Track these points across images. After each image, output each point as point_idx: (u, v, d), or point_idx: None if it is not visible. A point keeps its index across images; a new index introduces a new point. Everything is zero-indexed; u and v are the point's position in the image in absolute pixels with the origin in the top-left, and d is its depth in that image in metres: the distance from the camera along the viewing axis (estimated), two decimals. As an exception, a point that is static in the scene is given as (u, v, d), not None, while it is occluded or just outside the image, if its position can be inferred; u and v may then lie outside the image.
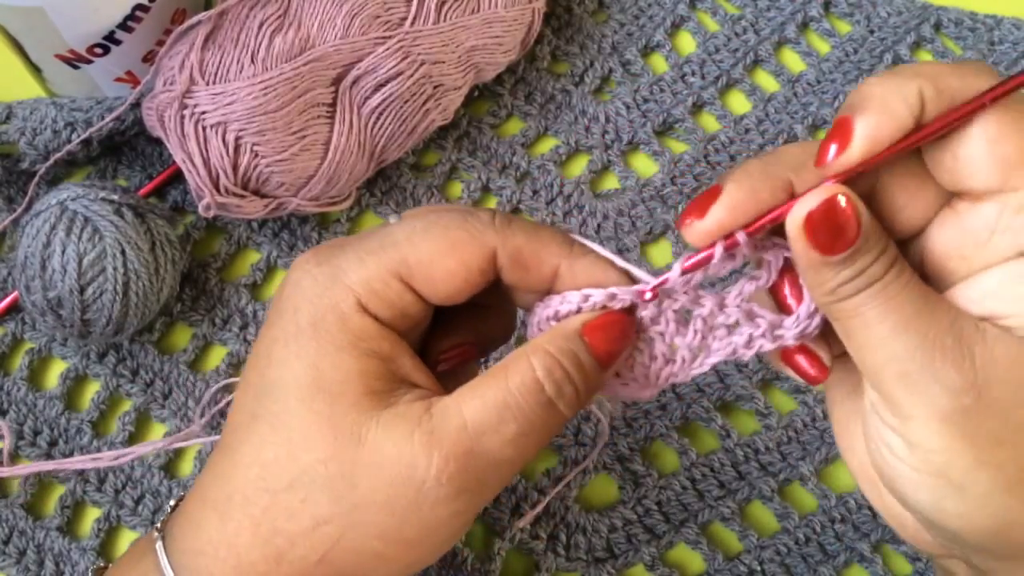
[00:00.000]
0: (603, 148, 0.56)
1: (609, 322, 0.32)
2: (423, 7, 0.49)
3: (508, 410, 0.30)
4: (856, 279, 0.28)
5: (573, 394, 0.31)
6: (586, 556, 0.47)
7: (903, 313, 0.28)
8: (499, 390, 0.31)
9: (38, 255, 0.45)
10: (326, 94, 0.48)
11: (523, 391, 0.31)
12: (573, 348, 0.31)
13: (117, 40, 0.49)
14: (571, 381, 0.31)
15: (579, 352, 0.31)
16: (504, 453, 0.30)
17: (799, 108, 0.57)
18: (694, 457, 0.49)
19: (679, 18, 0.60)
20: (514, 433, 0.30)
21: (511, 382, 0.31)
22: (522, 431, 0.30)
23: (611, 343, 0.32)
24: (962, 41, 0.59)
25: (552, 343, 0.31)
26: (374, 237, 0.33)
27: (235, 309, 0.52)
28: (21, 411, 0.49)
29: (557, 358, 0.31)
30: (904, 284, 0.29)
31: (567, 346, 0.31)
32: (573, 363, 0.31)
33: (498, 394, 0.31)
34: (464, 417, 0.30)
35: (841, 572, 0.47)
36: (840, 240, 0.28)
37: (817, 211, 0.28)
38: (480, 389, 0.31)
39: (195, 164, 0.47)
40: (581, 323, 0.32)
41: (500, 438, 0.30)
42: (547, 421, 0.31)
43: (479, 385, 0.31)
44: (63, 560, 0.47)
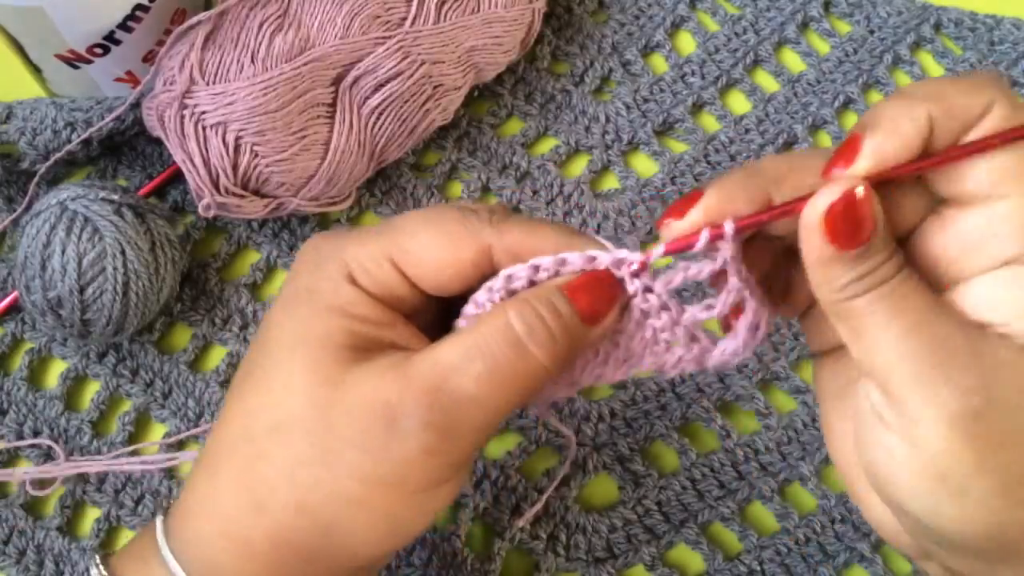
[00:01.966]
0: (603, 148, 0.56)
1: (591, 278, 0.32)
2: (423, 7, 0.49)
3: (476, 348, 0.31)
4: (867, 277, 0.29)
5: (546, 335, 0.31)
6: (586, 556, 0.47)
7: (914, 315, 0.28)
8: (471, 333, 0.32)
9: (38, 255, 0.45)
10: (326, 94, 0.48)
11: (493, 331, 0.31)
12: (550, 296, 0.32)
13: (117, 40, 0.49)
14: (544, 324, 0.31)
15: (556, 301, 0.32)
16: (471, 390, 0.31)
17: (799, 108, 0.57)
18: (694, 457, 0.49)
19: (679, 18, 0.60)
20: (479, 370, 0.31)
21: (483, 326, 0.32)
22: (488, 368, 0.31)
23: (594, 298, 0.32)
24: (962, 41, 0.59)
25: (529, 294, 0.32)
26: (381, 224, 0.35)
27: (235, 309, 0.52)
28: (21, 411, 0.49)
29: (531, 303, 0.32)
30: (914, 286, 0.29)
31: (543, 294, 0.32)
32: (548, 308, 0.32)
33: (468, 336, 0.31)
34: (437, 358, 0.31)
35: (841, 572, 0.47)
36: (857, 235, 0.28)
37: (837, 203, 0.28)
38: (455, 336, 0.32)
39: (195, 164, 0.47)
40: (560, 282, 0.32)
41: (467, 375, 0.31)
42: (516, 362, 0.31)
43: (456, 334, 0.32)
44: (63, 560, 0.47)
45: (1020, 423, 0.28)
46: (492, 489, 0.48)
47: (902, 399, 0.29)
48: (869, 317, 0.29)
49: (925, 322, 0.28)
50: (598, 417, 0.50)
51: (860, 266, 0.29)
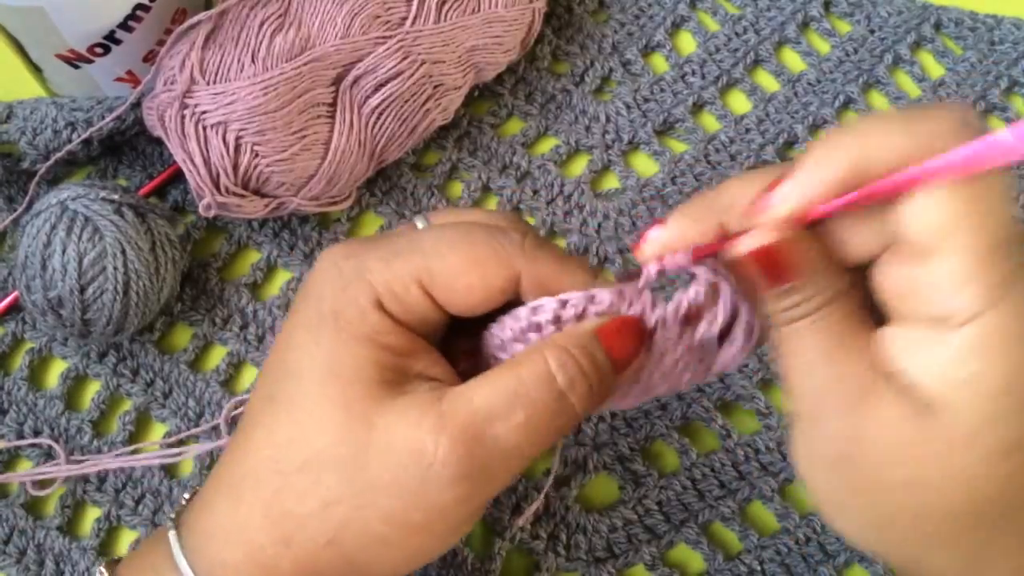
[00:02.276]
0: (603, 148, 0.56)
1: (624, 325, 0.32)
2: (423, 7, 0.49)
3: (518, 398, 0.31)
4: (790, 310, 0.30)
5: (586, 389, 0.32)
6: (586, 556, 0.47)
7: (819, 352, 0.30)
8: (510, 378, 0.31)
9: (38, 255, 0.45)
10: (326, 94, 0.48)
11: (534, 380, 0.31)
12: (588, 346, 0.32)
13: (117, 40, 0.49)
14: (584, 376, 0.31)
15: (594, 350, 0.32)
16: (511, 440, 0.31)
17: (799, 108, 0.57)
18: (694, 457, 0.49)
19: (679, 18, 0.60)
20: (522, 421, 0.31)
21: (523, 371, 0.31)
22: (530, 420, 0.31)
23: (626, 346, 0.32)
24: (962, 41, 0.59)
25: (567, 339, 0.32)
26: (403, 240, 0.34)
27: (235, 309, 0.52)
28: (21, 411, 0.49)
29: (571, 352, 0.31)
30: (833, 323, 0.30)
31: (582, 343, 0.32)
32: (588, 359, 0.32)
33: (509, 382, 0.31)
34: (474, 403, 0.31)
35: (841, 572, 0.47)
36: (781, 275, 0.29)
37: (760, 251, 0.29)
38: (492, 378, 0.31)
39: (195, 164, 0.47)
40: (595, 325, 0.32)
41: (508, 425, 0.31)
42: (557, 413, 0.31)
43: (491, 374, 0.32)
44: (63, 560, 0.47)
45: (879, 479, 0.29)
46: (492, 489, 0.48)
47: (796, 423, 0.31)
48: (788, 342, 0.30)
49: (828, 361, 0.29)
50: (598, 417, 0.49)
51: (787, 299, 0.30)
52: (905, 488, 0.28)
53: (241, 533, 0.32)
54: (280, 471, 0.32)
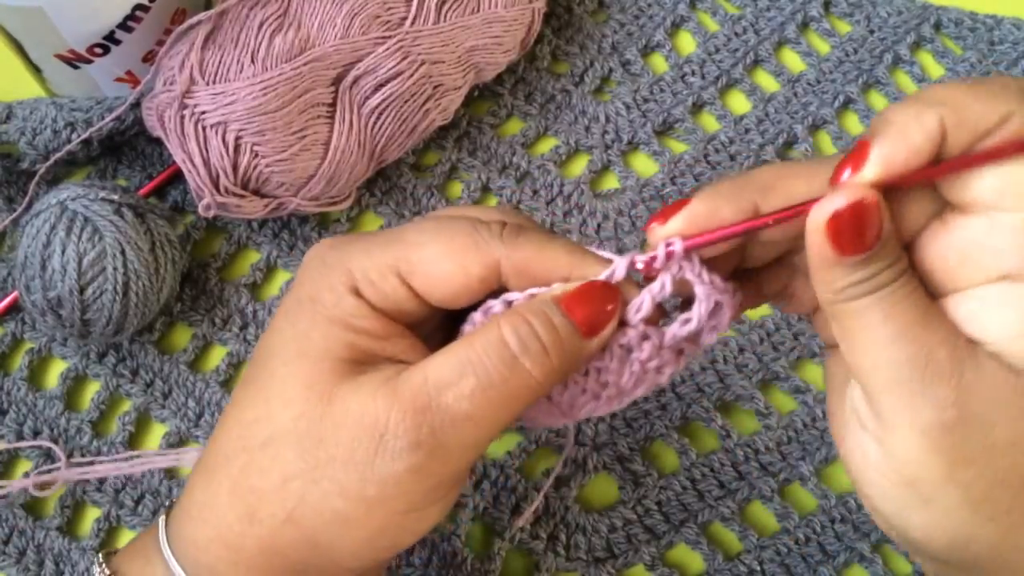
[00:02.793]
0: (603, 148, 0.56)
1: (588, 288, 0.32)
2: (423, 7, 0.49)
3: (468, 364, 0.30)
4: (865, 283, 0.29)
5: (539, 349, 0.31)
6: (586, 556, 0.47)
7: (902, 321, 0.28)
8: (462, 348, 0.31)
9: (38, 255, 0.45)
10: (326, 94, 0.48)
11: (484, 347, 0.31)
12: (544, 309, 0.31)
13: (117, 40, 0.49)
14: (538, 338, 0.31)
15: (551, 312, 0.31)
16: (461, 408, 0.30)
17: (799, 108, 0.57)
18: (694, 457, 0.49)
19: (679, 18, 0.60)
20: (472, 387, 0.30)
21: (475, 339, 0.31)
22: (481, 385, 0.30)
23: (589, 308, 0.31)
24: (962, 41, 0.59)
25: (524, 307, 0.31)
26: (387, 232, 0.34)
27: (235, 309, 0.52)
28: (21, 411, 0.49)
29: (525, 317, 0.31)
30: (909, 293, 0.29)
31: (538, 307, 0.31)
32: (542, 321, 0.31)
33: (461, 351, 0.31)
34: (427, 373, 0.31)
35: (841, 572, 0.47)
36: (860, 242, 0.28)
37: (843, 210, 0.28)
38: (446, 350, 0.31)
39: (195, 164, 0.47)
40: (555, 293, 0.32)
41: (458, 392, 0.30)
42: (510, 378, 0.31)
43: (447, 348, 0.31)
44: (63, 560, 0.47)
45: (991, 441, 0.28)
46: (492, 489, 0.48)
47: (880, 403, 0.29)
48: (860, 319, 0.29)
49: (912, 330, 0.28)
50: (598, 417, 0.49)
51: (860, 271, 0.29)
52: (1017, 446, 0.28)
53: (211, 511, 0.33)
54: (246, 448, 0.32)
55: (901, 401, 0.28)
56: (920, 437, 0.28)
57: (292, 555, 0.32)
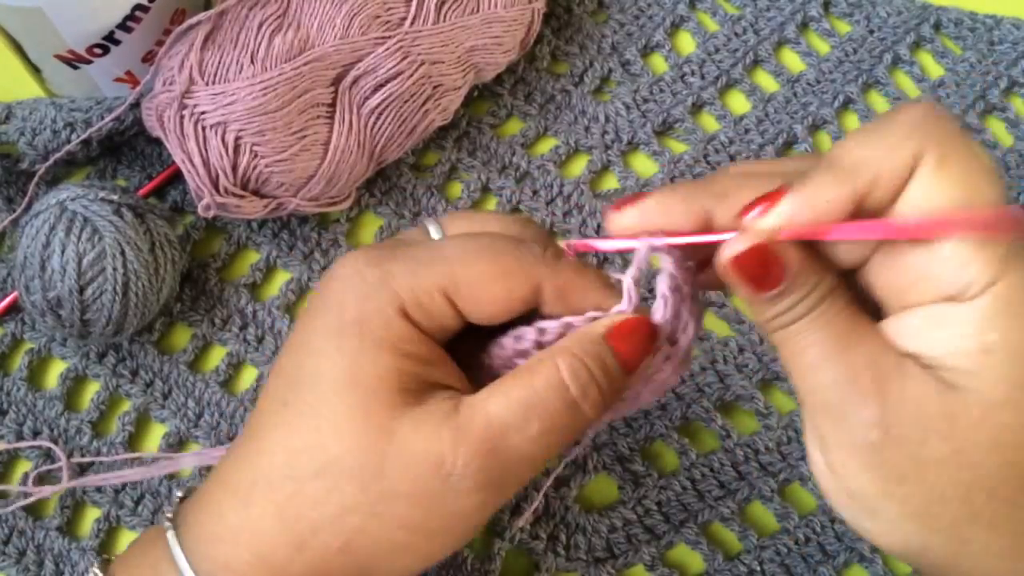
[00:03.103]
0: (603, 148, 0.56)
1: (635, 327, 0.32)
2: (423, 7, 0.49)
3: (532, 409, 0.31)
4: (784, 314, 0.30)
5: (597, 396, 0.32)
6: (586, 556, 0.47)
7: (825, 347, 0.29)
8: (524, 389, 0.31)
9: (38, 255, 0.45)
10: (326, 94, 0.48)
11: (548, 390, 0.31)
12: (599, 351, 0.32)
13: (117, 40, 0.49)
14: (596, 383, 0.32)
15: (604, 355, 0.32)
16: (527, 450, 0.31)
17: (799, 108, 0.57)
18: (694, 457, 0.49)
19: (679, 18, 0.60)
20: (537, 431, 0.31)
21: (536, 381, 0.31)
22: (545, 430, 0.31)
23: (636, 347, 0.32)
24: (962, 41, 0.59)
25: (578, 346, 0.32)
26: (426, 249, 0.34)
27: (235, 309, 0.52)
28: (21, 411, 0.49)
29: (583, 360, 0.32)
30: (831, 318, 0.29)
31: (593, 348, 0.32)
32: (599, 365, 0.32)
33: (523, 392, 0.31)
34: (489, 414, 0.31)
35: (841, 572, 0.47)
36: (767, 280, 0.29)
37: (745, 254, 0.29)
38: (505, 387, 0.32)
39: (195, 164, 0.47)
40: (605, 327, 0.32)
41: (524, 436, 0.31)
42: (570, 421, 0.32)
43: (505, 383, 0.32)
44: (63, 560, 0.47)
45: (922, 458, 0.29)
46: (492, 489, 0.48)
47: (816, 424, 0.30)
48: (790, 346, 0.30)
49: (837, 355, 0.29)
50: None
51: (777, 304, 0.30)
52: (950, 462, 0.28)
53: (251, 536, 0.32)
54: (294, 476, 0.32)
55: (832, 422, 0.30)
56: (852, 456, 0.29)
57: None
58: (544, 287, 0.33)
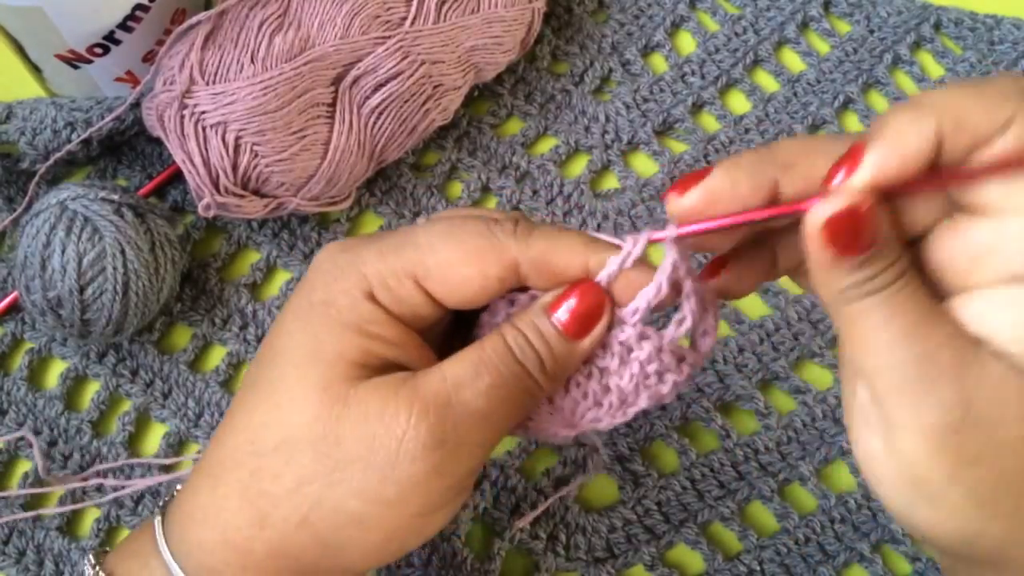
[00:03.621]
0: (603, 148, 0.56)
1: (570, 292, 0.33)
2: (423, 7, 0.49)
3: (482, 364, 0.32)
4: (865, 284, 0.29)
5: (534, 356, 0.32)
6: (586, 556, 0.47)
7: (905, 322, 0.28)
8: (475, 351, 0.32)
9: (38, 255, 0.45)
10: (326, 94, 0.48)
11: (495, 350, 0.32)
12: (533, 319, 0.33)
13: (117, 40, 0.49)
14: (531, 346, 0.32)
15: (539, 321, 0.33)
16: (479, 404, 0.32)
17: (799, 108, 0.57)
18: (694, 457, 0.49)
19: (679, 18, 0.60)
20: (487, 384, 0.32)
21: (486, 345, 0.33)
22: (494, 383, 0.32)
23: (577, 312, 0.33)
24: (962, 41, 0.59)
25: (520, 318, 0.33)
26: (397, 235, 0.34)
27: (235, 309, 0.52)
28: (21, 411, 0.49)
29: (519, 326, 0.33)
30: (910, 294, 0.29)
31: (531, 318, 0.33)
32: (532, 330, 0.33)
33: (473, 354, 0.32)
34: (444, 374, 0.32)
35: (841, 572, 0.47)
36: (856, 244, 0.28)
37: (838, 216, 0.28)
38: (461, 354, 0.33)
39: (195, 164, 0.47)
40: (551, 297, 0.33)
41: (475, 389, 0.32)
42: (518, 380, 0.32)
43: (459, 353, 0.33)
44: (63, 560, 0.47)
45: (996, 441, 0.28)
46: (492, 489, 0.48)
47: (885, 404, 0.29)
48: (862, 321, 0.29)
49: (915, 332, 0.28)
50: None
51: (858, 273, 0.29)
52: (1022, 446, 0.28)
53: (218, 514, 0.33)
54: (256, 452, 0.32)
55: (906, 402, 0.28)
56: (925, 438, 0.28)
57: (302, 558, 0.32)
58: (520, 263, 0.33)
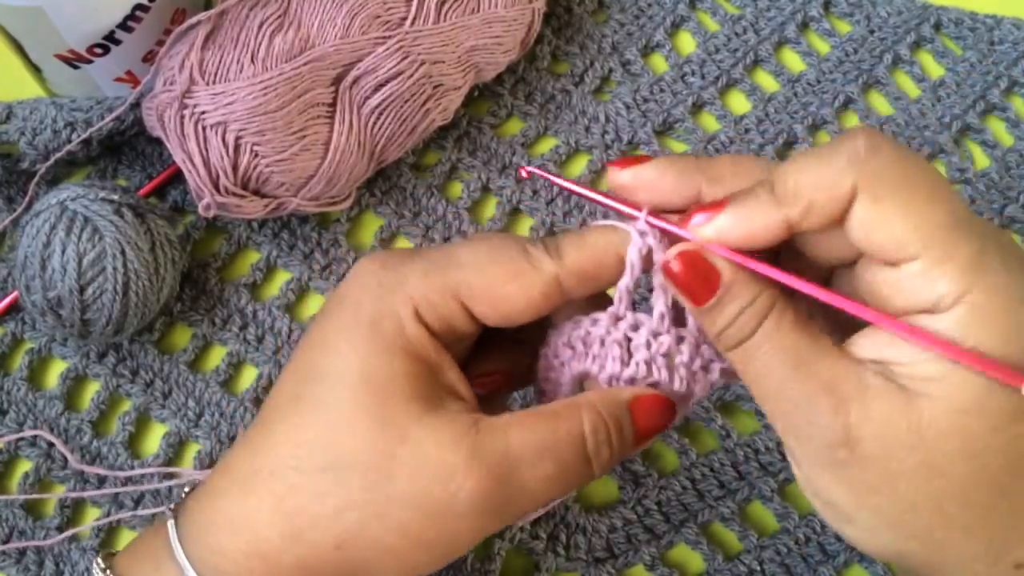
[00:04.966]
0: (603, 148, 0.56)
1: (657, 403, 0.34)
2: (423, 7, 0.49)
3: (550, 451, 0.32)
4: (731, 328, 0.30)
5: (608, 457, 0.33)
6: (586, 556, 0.47)
7: (782, 365, 0.30)
8: (546, 430, 0.32)
9: (38, 255, 0.45)
10: (326, 94, 0.48)
11: (568, 439, 0.32)
12: (620, 417, 0.33)
13: (117, 40, 0.49)
14: (610, 445, 0.33)
15: (624, 423, 0.33)
16: (533, 488, 0.32)
17: (799, 108, 0.57)
18: (694, 457, 0.49)
19: (679, 18, 0.60)
20: (549, 473, 0.32)
21: (559, 426, 0.32)
22: (556, 474, 0.32)
23: (653, 423, 0.34)
24: (962, 41, 0.59)
25: (604, 405, 0.33)
26: (438, 253, 0.34)
27: (235, 309, 0.52)
28: (21, 411, 0.49)
29: (606, 420, 0.33)
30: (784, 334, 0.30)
31: (616, 412, 0.33)
32: (617, 430, 0.33)
33: (545, 433, 0.32)
34: (509, 443, 0.32)
35: (841, 572, 0.47)
36: (703, 287, 0.30)
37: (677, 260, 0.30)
38: (529, 422, 0.32)
39: (195, 164, 0.47)
40: (632, 395, 0.33)
41: (536, 474, 0.32)
42: (578, 473, 0.33)
43: (528, 418, 0.33)
44: (63, 560, 0.47)
45: (890, 472, 0.29)
46: (492, 489, 0.48)
47: (785, 443, 0.31)
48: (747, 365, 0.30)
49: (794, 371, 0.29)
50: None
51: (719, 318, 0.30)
52: (919, 473, 0.28)
53: (247, 523, 0.32)
54: (300, 468, 0.32)
55: (799, 443, 0.30)
56: (822, 472, 0.30)
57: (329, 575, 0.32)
58: (561, 277, 0.33)
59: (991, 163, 0.56)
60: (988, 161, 0.56)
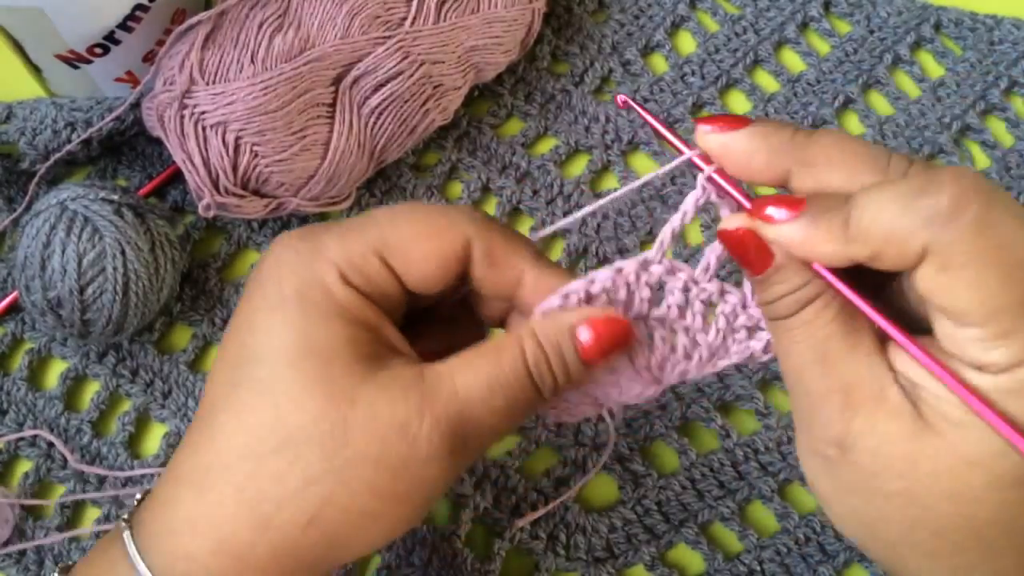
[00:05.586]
0: (603, 148, 0.56)
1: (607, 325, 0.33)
2: (423, 7, 0.49)
3: (499, 387, 0.32)
4: (775, 303, 0.31)
5: (552, 384, 0.33)
6: (586, 556, 0.47)
7: (809, 353, 0.30)
8: (490, 365, 0.33)
9: (38, 255, 0.45)
10: (326, 94, 0.48)
11: (512, 371, 0.33)
12: (560, 343, 0.33)
13: (117, 40, 0.49)
14: (552, 373, 0.33)
15: (565, 348, 0.33)
16: (489, 421, 0.32)
17: (799, 108, 0.57)
18: (694, 457, 0.49)
19: (679, 18, 0.60)
20: (502, 405, 0.32)
21: (502, 359, 0.33)
22: (507, 405, 0.33)
23: (599, 347, 0.33)
24: (962, 41, 0.59)
25: (544, 332, 0.33)
26: (358, 218, 0.34)
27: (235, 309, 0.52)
28: (21, 411, 0.49)
29: (545, 349, 0.33)
30: (819, 325, 0.30)
31: (555, 339, 0.33)
32: (557, 356, 0.33)
33: (489, 369, 0.33)
34: (456, 385, 0.32)
35: (841, 572, 0.47)
36: (754, 263, 0.31)
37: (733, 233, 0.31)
38: (473, 361, 0.33)
39: (195, 164, 0.47)
40: (579, 317, 0.33)
41: (488, 408, 0.32)
42: (529, 401, 0.33)
43: (472, 358, 0.33)
44: (63, 560, 0.47)
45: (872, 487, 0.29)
46: (492, 489, 0.48)
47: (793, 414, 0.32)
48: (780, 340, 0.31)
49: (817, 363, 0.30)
50: (598, 417, 0.49)
51: (766, 291, 0.31)
52: (899, 499, 0.29)
53: (210, 521, 0.31)
54: (253, 454, 0.31)
55: (800, 424, 0.31)
56: (811, 457, 0.31)
57: (307, 556, 0.32)
58: (473, 245, 0.33)
59: (991, 163, 0.56)
60: (988, 161, 0.56)
